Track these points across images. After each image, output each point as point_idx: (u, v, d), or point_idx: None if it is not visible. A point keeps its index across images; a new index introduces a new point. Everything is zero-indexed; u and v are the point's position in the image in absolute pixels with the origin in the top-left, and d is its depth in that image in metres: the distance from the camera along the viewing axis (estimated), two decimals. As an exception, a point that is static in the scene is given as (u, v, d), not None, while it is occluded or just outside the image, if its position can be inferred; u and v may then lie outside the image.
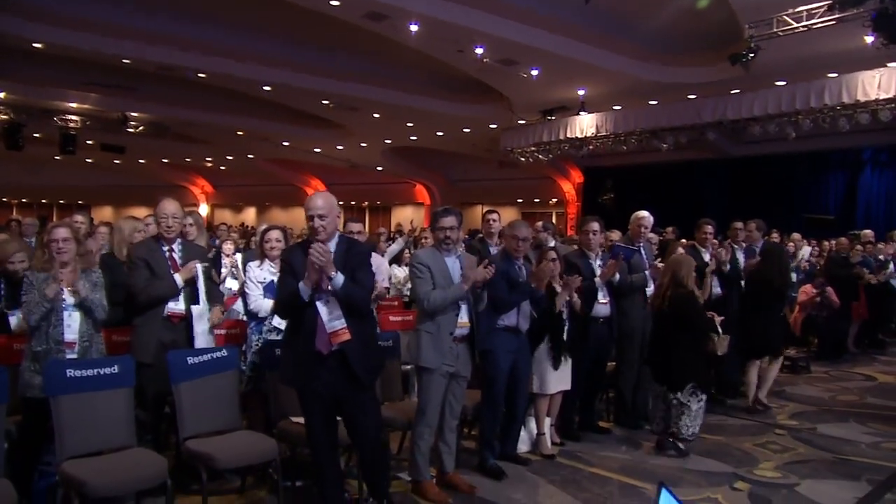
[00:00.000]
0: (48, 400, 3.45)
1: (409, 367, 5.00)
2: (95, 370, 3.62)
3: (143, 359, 3.99)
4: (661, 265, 5.77)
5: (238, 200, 28.66)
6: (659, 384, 5.19)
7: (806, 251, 10.53)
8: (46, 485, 3.70)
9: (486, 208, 7.04)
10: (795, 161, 15.77)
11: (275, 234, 4.65)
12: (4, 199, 25.07)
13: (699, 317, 5.03)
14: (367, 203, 25.96)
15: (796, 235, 10.99)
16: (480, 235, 7.25)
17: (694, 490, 4.37)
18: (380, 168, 22.63)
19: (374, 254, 5.48)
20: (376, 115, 15.53)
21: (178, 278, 4.18)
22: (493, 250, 5.58)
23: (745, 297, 6.42)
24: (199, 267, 4.30)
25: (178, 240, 4.34)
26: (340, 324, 3.46)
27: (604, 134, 14.25)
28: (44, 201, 26.57)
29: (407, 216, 24.02)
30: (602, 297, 5.34)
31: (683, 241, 7.17)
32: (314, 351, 3.46)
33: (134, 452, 3.59)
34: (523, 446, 5.02)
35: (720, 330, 5.15)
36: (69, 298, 3.78)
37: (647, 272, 5.75)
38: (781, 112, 11.66)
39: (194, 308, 4.29)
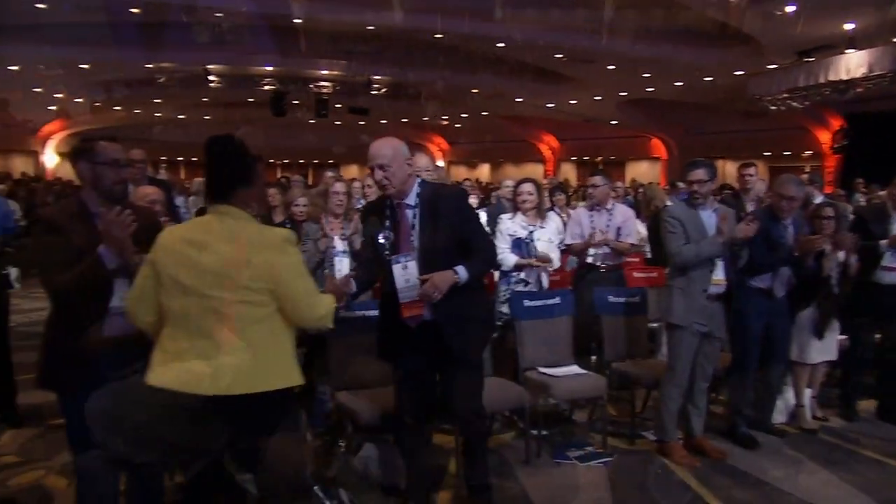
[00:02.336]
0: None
1: (656, 324, 4.87)
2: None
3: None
4: None
5: (473, 157, 29.63)
6: None
7: None
8: (321, 411, 4.16)
9: (728, 162, 6.54)
10: None
11: (527, 188, 4.65)
12: (271, 160, 28.28)
13: None
14: (601, 158, 25.39)
15: None
16: (728, 191, 6.78)
17: None
18: (614, 122, 21.98)
19: (623, 207, 5.36)
20: (611, 67, 15.04)
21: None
22: (749, 206, 5.19)
23: None
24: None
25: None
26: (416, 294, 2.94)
27: (877, 73, 12.35)
28: (301, 161, 29.58)
29: (642, 171, 23.14)
30: (891, 262, 4.68)
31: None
32: (400, 322, 3.01)
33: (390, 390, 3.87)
34: (780, 417, 4.66)
35: None
36: (339, 245, 4.17)
37: None
38: None
39: None
